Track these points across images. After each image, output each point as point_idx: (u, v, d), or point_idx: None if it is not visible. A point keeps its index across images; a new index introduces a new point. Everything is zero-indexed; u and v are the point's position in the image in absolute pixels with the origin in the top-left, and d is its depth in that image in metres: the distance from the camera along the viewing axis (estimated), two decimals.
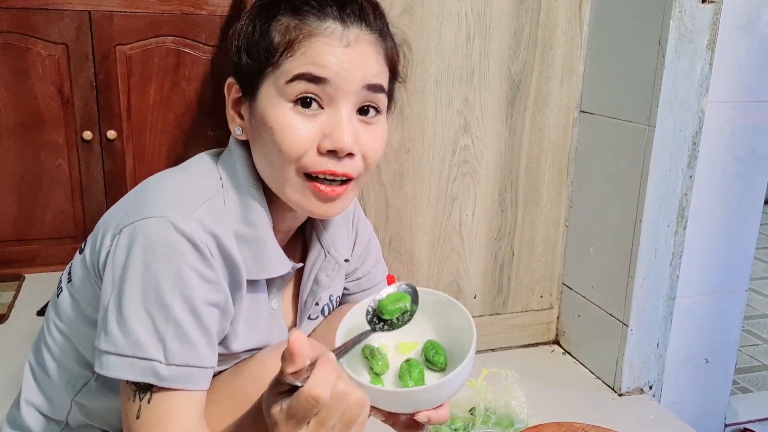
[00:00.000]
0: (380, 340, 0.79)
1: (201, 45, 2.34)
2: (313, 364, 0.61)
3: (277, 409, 0.62)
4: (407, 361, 0.77)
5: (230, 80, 0.85)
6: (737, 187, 1.63)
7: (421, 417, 0.74)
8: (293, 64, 0.77)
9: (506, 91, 1.73)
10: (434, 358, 0.77)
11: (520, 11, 1.69)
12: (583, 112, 1.79)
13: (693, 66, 1.52)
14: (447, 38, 1.64)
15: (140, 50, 2.29)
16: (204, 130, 2.40)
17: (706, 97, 1.55)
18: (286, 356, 0.61)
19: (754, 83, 1.58)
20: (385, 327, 0.75)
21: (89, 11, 2.22)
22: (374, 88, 0.80)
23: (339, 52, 0.77)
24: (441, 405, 0.75)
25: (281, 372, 0.62)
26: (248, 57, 0.81)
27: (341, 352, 0.67)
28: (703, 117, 1.56)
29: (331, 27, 0.78)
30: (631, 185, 1.62)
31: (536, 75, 1.75)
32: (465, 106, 1.70)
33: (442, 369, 0.78)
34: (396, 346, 0.80)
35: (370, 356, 0.76)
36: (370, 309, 0.75)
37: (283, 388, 0.63)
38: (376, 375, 0.76)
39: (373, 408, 0.71)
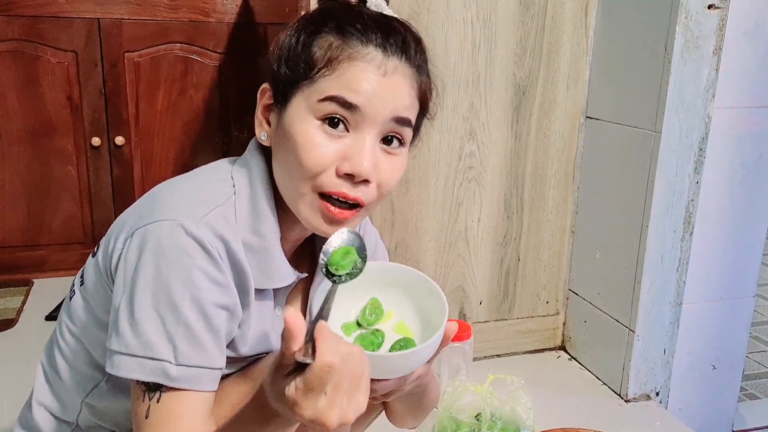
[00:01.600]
0: (392, 306, 0.80)
1: (209, 52, 2.36)
2: (309, 339, 0.62)
3: (293, 389, 0.62)
4: (374, 331, 0.79)
5: (265, 86, 0.86)
6: (744, 193, 1.63)
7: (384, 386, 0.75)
8: (328, 84, 0.78)
9: (512, 97, 1.74)
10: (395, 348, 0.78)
11: (526, 18, 1.69)
12: (589, 117, 1.80)
13: (699, 71, 1.52)
14: (453, 45, 1.65)
15: (148, 57, 2.31)
16: (211, 137, 2.41)
17: (712, 102, 1.55)
18: (287, 336, 0.62)
19: (760, 89, 1.58)
20: (343, 279, 0.76)
21: (98, 19, 2.24)
22: (402, 121, 0.81)
23: (375, 80, 0.78)
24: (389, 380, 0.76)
25: (284, 354, 0.63)
26: (286, 67, 0.82)
27: (324, 316, 0.68)
28: (709, 122, 1.56)
29: (372, 53, 0.79)
30: (637, 191, 1.62)
31: (542, 81, 1.75)
32: (471, 112, 1.71)
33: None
34: (397, 322, 0.82)
35: (368, 308, 0.78)
36: (322, 262, 0.76)
37: (288, 369, 0.63)
38: (358, 325, 0.79)
39: None
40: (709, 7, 1.49)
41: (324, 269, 0.76)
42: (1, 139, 2.23)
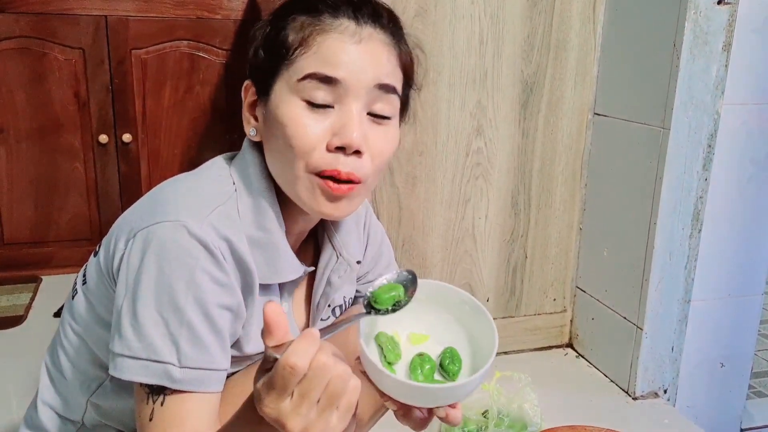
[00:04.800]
0: (393, 328, 0.79)
1: (215, 49, 2.36)
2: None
3: (260, 383, 0.61)
4: (420, 355, 0.77)
5: (247, 83, 0.87)
6: (753, 190, 1.62)
7: (440, 412, 0.73)
8: (306, 62, 0.78)
9: (519, 94, 1.73)
10: (449, 367, 0.76)
11: (534, 13, 1.69)
12: (597, 114, 1.79)
13: (708, 68, 1.51)
14: (460, 41, 1.64)
15: (155, 54, 2.31)
16: (218, 134, 2.41)
17: (721, 99, 1.54)
18: (265, 329, 0.61)
19: None
20: (381, 312, 0.75)
21: (105, 16, 2.24)
22: (386, 88, 0.81)
23: (351, 49, 0.78)
24: (455, 404, 0.75)
25: (265, 347, 0.62)
26: (264, 55, 0.83)
27: (327, 329, 0.67)
28: (718, 119, 1.55)
29: (345, 23, 0.79)
30: (645, 188, 1.61)
31: (549, 77, 1.74)
32: (478, 109, 1.70)
33: (454, 378, 0.77)
34: (408, 336, 0.80)
35: (384, 345, 0.76)
36: (366, 295, 0.76)
37: (268, 365, 0.62)
38: (389, 364, 0.76)
39: (384, 395, 0.71)
40: (719, 2, 1.48)
41: (366, 300, 0.75)
42: (9, 136, 2.24)
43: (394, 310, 0.75)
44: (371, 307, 0.74)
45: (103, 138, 2.30)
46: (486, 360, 0.74)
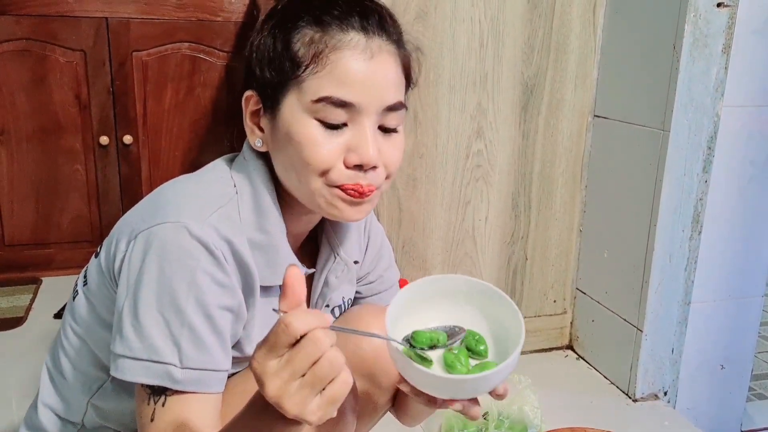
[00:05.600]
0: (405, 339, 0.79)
1: (216, 51, 2.36)
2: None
3: (260, 342, 0.62)
4: (449, 350, 0.76)
5: (248, 93, 0.85)
6: (753, 192, 1.62)
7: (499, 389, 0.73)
8: (319, 83, 0.77)
9: (519, 96, 1.73)
10: (477, 348, 0.76)
11: (534, 16, 1.69)
12: (597, 116, 1.79)
13: (708, 70, 1.51)
14: (460, 43, 1.65)
15: (156, 56, 2.32)
16: (219, 135, 2.42)
17: (721, 101, 1.54)
18: (281, 293, 0.62)
19: None
20: (415, 349, 0.75)
21: (106, 18, 2.25)
22: (394, 107, 0.81)
23: (364, 67, 0.78)
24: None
25: (279, 310, 0.62)
26: (270, 69, 0.81)
27: (341, 327, 0.67)
28: (718, 121, 1.55)
29: (355, 38, 0.78)
30: (645, 190, 1.61)
31: (550, 80, 1.75)
32: (478, 111, 1.71)
33: (484, 357, 0.77)
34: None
35: (419, 360, 0.76)
36: (408, 334, 0.76)
37: None
38: None
39: (419, 392, 0.71)
40: (718, 5, 1.48)
41: (405, 338, 0.74)
42: (10, 137, 2.24)
43: (430, 348, 0.75)
44: (408, 341, 0.75)
45: (104, 140, 2.31)
46: (505, 326, 0.74)
